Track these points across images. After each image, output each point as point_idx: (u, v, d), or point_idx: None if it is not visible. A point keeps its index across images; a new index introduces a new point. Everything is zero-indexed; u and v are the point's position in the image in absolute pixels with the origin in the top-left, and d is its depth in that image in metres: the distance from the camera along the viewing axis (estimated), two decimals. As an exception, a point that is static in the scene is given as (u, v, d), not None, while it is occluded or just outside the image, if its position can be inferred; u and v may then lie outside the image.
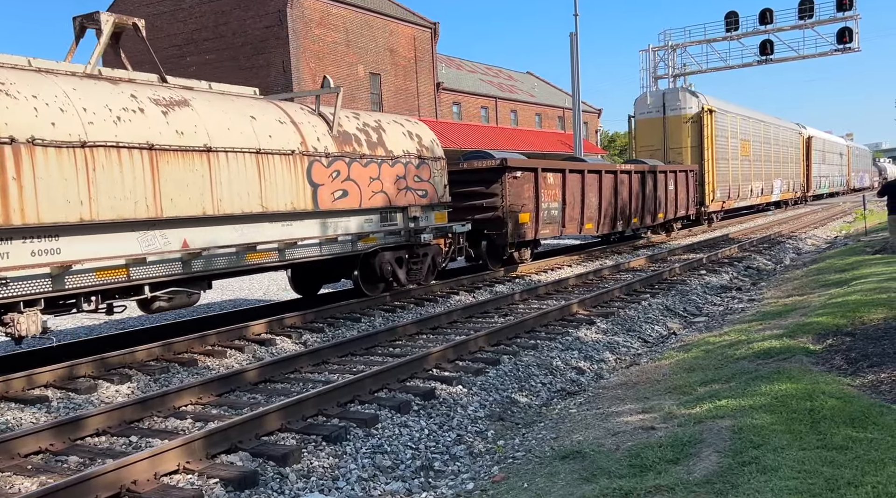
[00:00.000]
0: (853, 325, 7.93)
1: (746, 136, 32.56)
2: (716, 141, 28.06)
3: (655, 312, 11.14)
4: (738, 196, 31.02)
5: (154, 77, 9.90)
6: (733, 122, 30.92)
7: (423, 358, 7.63)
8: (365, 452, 5.51)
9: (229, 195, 9.42)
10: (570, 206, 17.14)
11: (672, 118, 28.41)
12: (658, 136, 28.64)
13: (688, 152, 27.94)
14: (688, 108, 28.08)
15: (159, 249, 8.62)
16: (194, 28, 35.73)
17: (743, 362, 7.03)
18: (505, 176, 14.90)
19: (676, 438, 5.02)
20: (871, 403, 5.32)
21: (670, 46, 41.78)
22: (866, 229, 21.55)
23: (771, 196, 36.90)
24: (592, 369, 8.25)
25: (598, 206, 18.54)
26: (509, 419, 6.56)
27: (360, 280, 12.09)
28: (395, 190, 12.27)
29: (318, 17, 34.47)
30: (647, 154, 27.90)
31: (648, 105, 29.22)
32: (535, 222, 15.84)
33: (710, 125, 27.91)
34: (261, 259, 9.97)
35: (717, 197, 28.11)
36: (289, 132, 10.57)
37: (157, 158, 8.56)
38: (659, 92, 29.09)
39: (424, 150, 13.12)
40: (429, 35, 41.84)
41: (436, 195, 13.29)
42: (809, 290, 11.74)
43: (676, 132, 28.33)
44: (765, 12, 37.73)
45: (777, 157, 37.77)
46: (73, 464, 5.41)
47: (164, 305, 8.93)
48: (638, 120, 29.65)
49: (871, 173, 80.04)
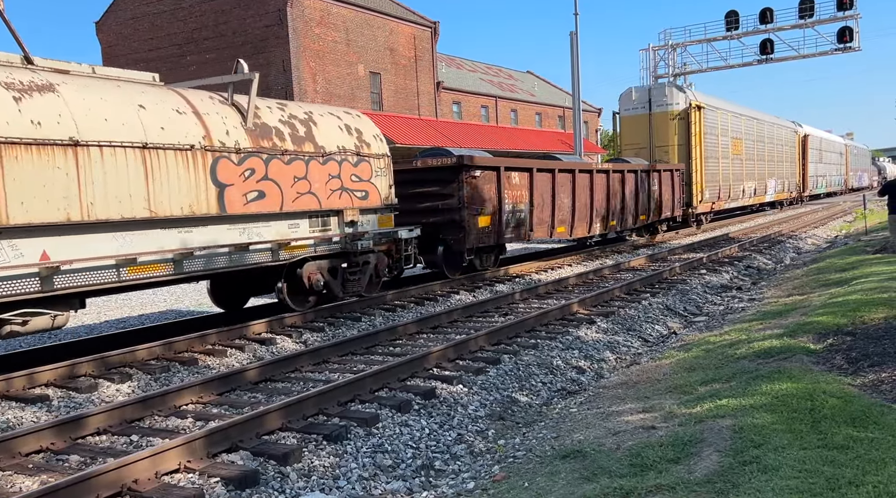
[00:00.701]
0: (854, 324, 7.93)
1: (738, 134, 31.23)
2: (704, 139, 26.78)
3: (656, 312, 11.14)
4: (728, 197, 29.75)
5: (16, 58, 8.21)
6: (724, 119, 29.60)
7: (424, 357, 7.63)
8: (366, 452, 5.51)
9: (104, 198, 8.02)
10: (538, 208, 16.01)
11: (658, 115, 26.89)
12: (644, 134, 27.16)
13: (674, 151, 26.54)
14: (675, 104, 26.64)
15: (7, 263, 7.21)
16: (194, 27, 35.73)
17: (743, 362, 7.03)
18: (462, 175, 13.76)
19: (677, 438, 5.02)
20: (872, 403, 5.32)
21: (671, 46, 41.78)
22: (867, 229, 21.55)
23: (765, 196, 35.65)
24: (593, 369, 8.26)
25: (571, 209, 17.33)
26: (510, 418, 6.56)
27: (285, 293, 10.62)
28: (328, 191, 10.83)
29: (319, 16, 34.46)
30: (633, 152, 26.65)
31: (634, 101, 27.62)
32: (497, 226, 14.69)
33: (699, 122, 26.56)
34: (149, 272, 8.53)
35: (705, 197, 26.91)
36: (188, 124, 9.12)
37: (1, 153, 7.18)
38: (644, 87, 27.53)
39: (365, 146, 11.65)
40: (429, 34, 41.82)
41: (379, 197, 11.88)
42: (810, 289, 11.74)
43: (663, 129, 26.88)
44: (765, 11, 37.74)
45: (771, 156, 36.55)
46: (75, 463, 5.41)
47: (17, 330, 7.53)
48: (623, 117, 28.03)
49: (871, 173, 79.17)
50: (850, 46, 36.96)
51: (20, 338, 9.66)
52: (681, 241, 22.41)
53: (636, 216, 20.81)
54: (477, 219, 14.07)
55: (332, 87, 35.07)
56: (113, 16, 38.52)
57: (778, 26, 38.11)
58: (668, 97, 26.78)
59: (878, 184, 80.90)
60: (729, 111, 30.46)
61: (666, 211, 22.99)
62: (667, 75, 40.97)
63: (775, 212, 37.14)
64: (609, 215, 19.13)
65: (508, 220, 15.05)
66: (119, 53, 38.42)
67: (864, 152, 77.24)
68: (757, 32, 38.68)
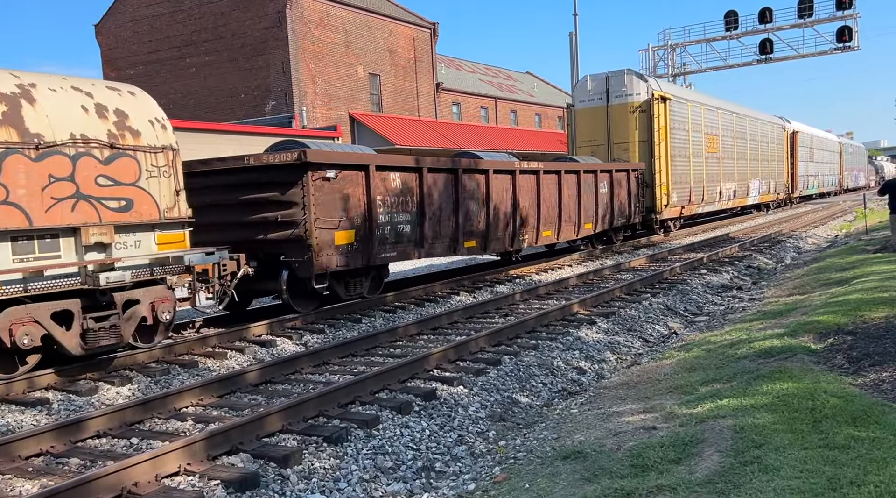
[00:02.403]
0: (854, 323, 7.92)
1: (714, 130, 27.71)
2: (671, 134, 23.25)
3: (656, 312, 11.13)
4: (702, 200, 26.17)
5: None
6: (695, 112, 25.88)
7: (424, 358, 7.62)
8: (366, 453, 5.50)
9: None
10: (433, 220, 12.65)
11: (617, 107, 23.23)
12: (601, 129, 23.45)
13: (635, 148, 22.98)
14: (635, 94, 22.93)
15: None
16: (194, 29, 35.75)
17: (744, 362, 7.02)
18: (308, 177, 10.25)
19: (678, 438, 5.01)
20: (873, 402, 5.31)
21: (670, 46, 41.85)
22: (867, 228, 21.54)
23: (747, 199, 31.85)
24: (593, 369, 8.25)
25: (485, 217, 14.17)
26: (510, 420, 6.55)
27: None
28: (47, 200, 7.48)
29: (318, 17, 34.48)
30: (589, 151, 23.47)
31: (590, 92, 23.76)
32: (367, 242, 11.27)
33: (663, 115, 22.90)
34: None
35: (672, 201, 23.37)
36: None
37: None
38: (601, 75, 23.56)
39: (128, 134, 8.27)
40: (428, 35, 41.85)
41: (156, 208, 8.48)
42: (810, 288, 11.73)
43: (622, 124, 23.14)
44: (764, 11, 37.82)
45: (754, 155, 32.74)
46: (74, 466, 5.41)
47: None
48: (577, 110, 24.11)
49: (868, 172, 76.63)
50: (849, 46, 37.02)
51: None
52: (681, 242, 22.35)
53: (579, 224, 17.52)
54: (332, 234, 10.64)
55: (332, 89, 35.09)
56: (112, 18, 38.55)
57: (777, 26, 38.18)
58: (628, 87, 23.03)
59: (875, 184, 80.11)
60: (702, 104, 26.90)
61: (620, 217, 19.76)
62: (666, 75, 41.01)
63: (761, 215, 34.05)
64: (540, 224, 15.97)
65: (385, 235, 11.65)
66: (118, 56, 38.46)
67: (860, 151, 74.22)
68: (756, 32, 38.77)
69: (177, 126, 26.49)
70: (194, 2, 35.63)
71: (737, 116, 30.45)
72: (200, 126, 26.07)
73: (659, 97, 22.78)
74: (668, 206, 23.10)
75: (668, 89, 24.10)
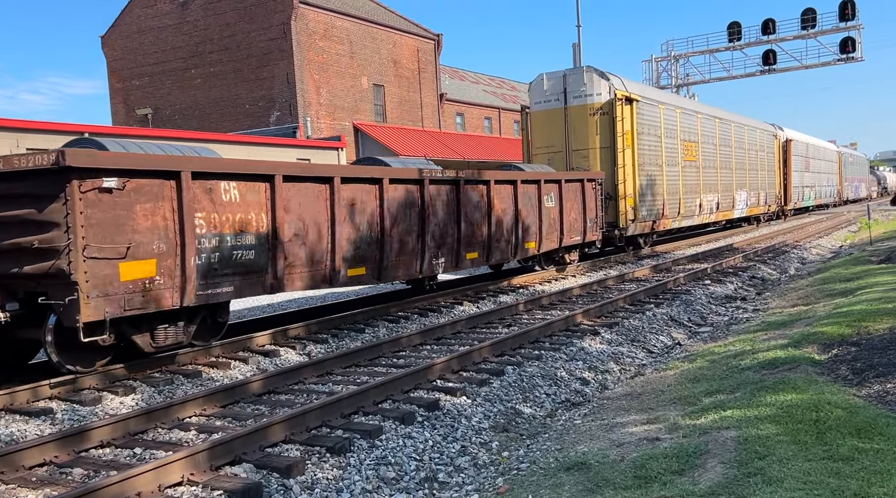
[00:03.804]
0: (859, 334, 7.91)
1: (692, 136, 24.98)
2: (639, 140, 20.60)
3: (660, 322, 11.12)
4: (678, 213, 23.38)
5: None
6: (669, 116, 23.11)
7: (428, 369, 7.62)
8: (369, 464, 5.50)
9: None
10: (292, 242, 9.65)
11: (576, 109, 20.32)
12: (559, 135, 20.54)
13: (596, 155, 20.04)
14: (595, 94, 20.05)
15: None
16: (199, 41, 35.98)
17: (748, 373, 7.01)
18: (72, 188, 7.28)
19: (681, 449, 5.00)
20: (878, 414, 5.30)
21: (673, 56, 41.97)
22: (871, 239, 21.50)
23: (732, 211, 29.01)
24: (597, 380, 8.23)
25: (377, 238, 11.16)
26: (514, 430, 6.54)
27: None
28: None
29: (323, 29, 34.68)
30: (545, 158, 20.63)
31: (546, 92, 20.86)
32: (178, 276, 8.20)
33: (629, 118, 20.19)
34: None
35: (641, 216, 20.62)
36: None
37: None
38: (559, 73, 20.67)
39: None
40: (432, 47, 42.05)
41: None
42: (815, 299, 11.70)
43: (581, 128, 20.25)
44: (767, 22, 37.96)
45: (741, 164, 30.10)
46: (78, 476, 5.41)
47: None
48: (533, 112, 21.25)
49: (869, 182, 73.68)
50: (852, 57, 37.11)
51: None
52: (685, 252, 22.26)
53: (517, 244, 14.73)
54: (115, 266, 7.64)
55: (336, 99, 35.24)
56: (118, 30, 38.82)
57: (780, 37, 38.32)
58: (588, 86, 20.14)
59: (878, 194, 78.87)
60: (677, 106, 24.13)
61: (573, 235, 16.87)
62: (669, 86, 41.12)
63: (751, 229, 31.67)
64: (461, 245, 13.01)
65: (213, 265, 8.60)
66: (124, 67, 38.70)
67: (861, 160, 70.63)
68: (759, 43, 38.91)
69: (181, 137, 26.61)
70: (200, 14, 35.87)
71: (720, 121, 27.90)
72: (205, 136, 26.20)
73: (623, 98, 19.96)
74: (636, 220, 20.40)
75: (637, 90, 21.33)
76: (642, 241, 21.73)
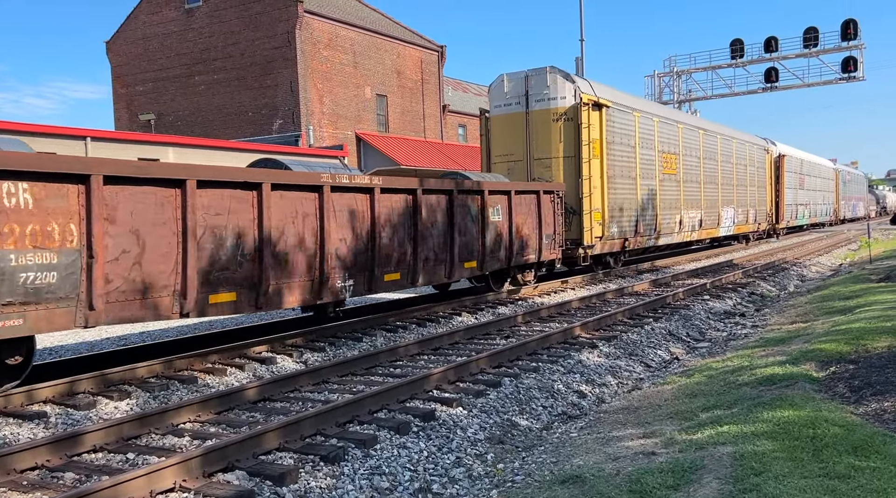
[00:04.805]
0: (857, 352, 7.88)
1: (672, 147, 23.16)
2: (608, 149, 18.76)
3: (658, 337, 11.09)
4: (654, 231, 21.55)
5: None
6: (646, 125, 21.28)
7: (424, 379, 7.59)
8: (363, 473, 5.47)
9: None
10: (117, 260, 7.71)
11: (538, 114, 18.38)
12: (519, 142, 18.62)
13: (559, 165, 18.13)
14: (559, 98, 18.11)
15: None
16: (203, 48, 36.13)
17: (745, 388, 6.98)
18: None
19: (677, 464, 4.97)
20: (875, 432, 5.27)
21: (676, 73, 42.14)
22: (871, 257, 21.49)
23: (717, 229, 27.20)
24: (594, 393, 8.20)
25: (254, 257, 9.13)
26: (509, 442, 6.51)
27: None
28: None
29: (327, 38, 34.83)
30: (505, 168, 18.77)
31: (507, 94, 18.87)
32: None
33: (597, 126, 18.37)
34: None
35: (610, 233, 18.85)
36: None
37: None
38: (520, 74, 18.68)
39: None
40: (436, 58, 42.21)
41: None
42: (813, 316, 11.68)
43: (544, 135, 18.31)
44: (770, 40, 38.14)
45: (728, 179, 28.42)
46: (70, 480, 5.38)
47: None
48: (492, 117, 19.28)
49: (868, 201, 72.12)
50: (854, 76, 37.26)
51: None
52: (685, 267, 22.21)
53: (452, 263, 12.75)
54: None
55: (339, 109, 35.34)
56: (123, 36, 38.99)
57: (783, 55, 38.50)
58: (551, 88, 18.19)
59: (876, 214, 78.21)
60: (654, 115, 22.25)
61: (526, 254, 15.08)
62: (672, 102, 41.25)
63: (741, 248, 30.10)
64: (375, 264, 11.02)
65: None
66: (128, 72, 38.84)
67: (859, 179, 68.04)
68: (762, 61, 39.07)
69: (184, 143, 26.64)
70: (205, 21, 36.04)
71: (704, 133, 26.08)
72: (208, 143, 26.26)
73: (590, 102, 18.11)
74: (604, 238, 18.56)
75: (607, 94, 19.38)
76: (612, 260, 19.90)
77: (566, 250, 17.17)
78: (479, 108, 20.97)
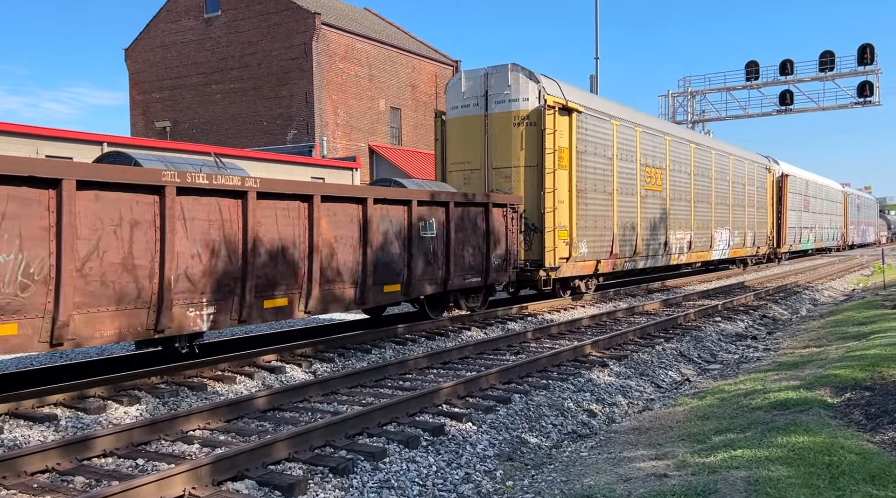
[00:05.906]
0: (873, 379, 7.80)
1: (657, 162, 20.85)
2: (579, 160, 16.64)
3: (669, 358, 11.02)
4: (635, 252, 19.37)
5: None
6: (626, 134, 19.04)
7: (434, 393, 7.56)
8: (371, 487, 5.43)
9: None
10: None
11: (498, 117, 16.23)
12: (477, 148, 16.46)
13: (520, 175, 16.00)
14: (521, 100, 15.98)
15: None
16: (221, 57, 36.45)
17: (759, 412, 6.91)
18: None
19: (690, 487, 4.91)
20: (892, 461, 5.20)
21: (690, 93, 42.15)
22: (885, 283, 21.32)
23: (710, 252, 25.06)
24: (604, 412, 8.14)
25: (47, 276, 7.12)
26: (519, 459, 6.46)
27: None
28: None
29: (343, 51, 35.08)
30: (461, 177, 16.62)
31: (464, 94, 16.69)
32: None
33: (565, 132, 16.24)
34: None
35: (579, 253, 16.70)
36: None
37: None
38: (479, 72, 16.55)
39: None
40: (450, 72, 42.40)
41: None
42: (827, 341, 11.58)
43: (503, 141, 16.18)
44: (785, 63, 38.12)
45: (723, 198, 26.22)
46: (79, 484, 5.37)
47: None
48: (448, 120, 17.04)
49: (878, 227, 70.37)
50: (870, 100, 37.18)
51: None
52: (695, 288, 22.09)
53: (365, 286, 10.96)
54: None
55: (353, 120, 35.53)
56: (142, 43, 39.40)
57: (798, 78, 38.47)
58: (513, 89, 16.07)
59: (887, 240, 77.06)
60: (636, 124, 19.82)
61: (467, 276, 13.27)
62: (685, 122, 41.23)
63: (734, 274, 27.86)
64: (245, 287, 9.05)
65: None
66: (146, 79, 39.22)
67: (869, 203, 65.83)
68: (777, 83, 39.04)
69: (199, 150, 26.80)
70: (223, 31, 36.39)
71: (696, 147, 23.85)
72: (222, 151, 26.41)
73: (556, 106, 15.87)
74: (571, 259, 16.37)
75: (579, 98, 17.20)
76: (583, 284, 17.58)
77: (524, 272, 15.50)
78: (433, 110, 18.75)
